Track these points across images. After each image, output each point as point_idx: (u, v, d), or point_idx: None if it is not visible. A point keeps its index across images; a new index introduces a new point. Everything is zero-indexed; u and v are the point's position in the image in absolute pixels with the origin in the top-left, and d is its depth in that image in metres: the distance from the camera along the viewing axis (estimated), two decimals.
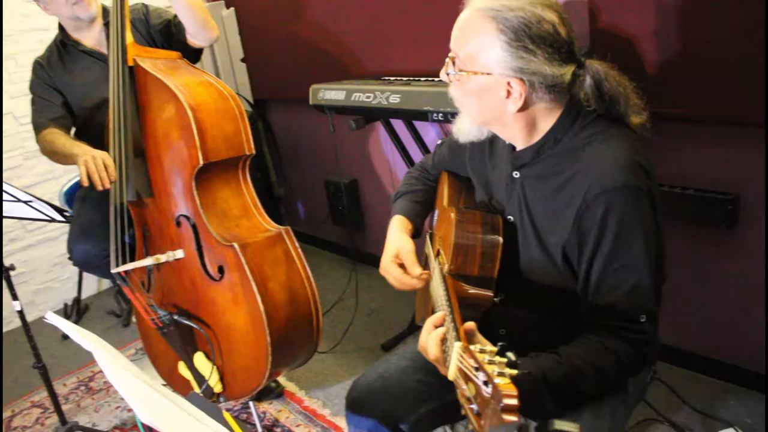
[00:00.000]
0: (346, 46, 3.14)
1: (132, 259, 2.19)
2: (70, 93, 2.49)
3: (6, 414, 2.83)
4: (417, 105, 2.29)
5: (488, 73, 1.23)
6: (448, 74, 1.31)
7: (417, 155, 2.79)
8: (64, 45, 2.50)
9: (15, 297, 2.17)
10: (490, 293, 1.32)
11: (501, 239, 1.34)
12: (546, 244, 1.31)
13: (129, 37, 2.16)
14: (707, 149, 2.08)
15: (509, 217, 1.39)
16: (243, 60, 3.93)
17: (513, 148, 1.38)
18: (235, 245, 1.98)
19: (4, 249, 3.51)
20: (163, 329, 2.15)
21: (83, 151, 2.15)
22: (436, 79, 2.44)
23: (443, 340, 1.12)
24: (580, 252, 1.25)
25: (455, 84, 1.32)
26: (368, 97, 2.49)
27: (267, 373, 2.02)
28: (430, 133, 2.93)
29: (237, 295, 2.02)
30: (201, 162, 2.01)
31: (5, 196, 1.95)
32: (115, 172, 2.10)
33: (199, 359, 2.18)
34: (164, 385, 2.41)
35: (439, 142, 1.73)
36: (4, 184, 1.90)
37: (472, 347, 0.92)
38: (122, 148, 2.10)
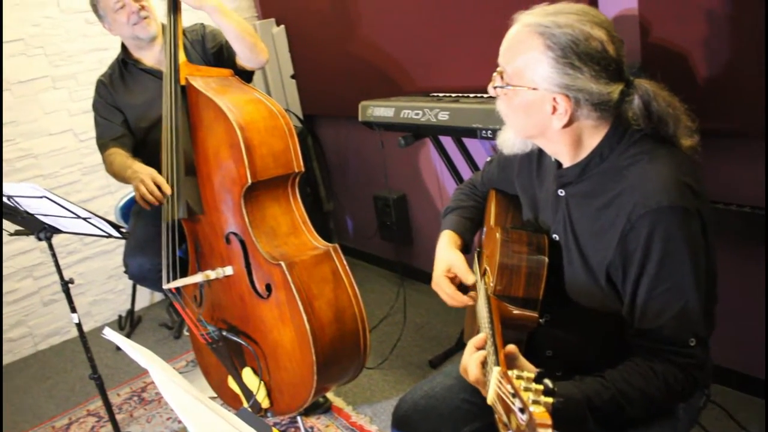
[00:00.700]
0: (395, 63, 3.16)
1: (184, 274, 2.23)
2: (130, 111, 2.56)
3: (63, 422, 2.92)
4: (466, 122, 2.28)
5: (534, 88, 1.24)
6: (495, 88, 1.32)
7: (466, 172, 2.78)
8: (125, 64, 2.58)
9: (73, 309, 2.23)
10: (535, 314, 1.30)
11: (546, 259, 1.33)
12: (590, 264, 1.29)
13: (182, 57, 2.21)
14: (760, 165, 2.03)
15: (554, 235, 1.38)
16: (293, 76, 3.99)
17: (559, 165, 1.37)
18: (283, 264, 1.99)
19: (63, 261, 3.62)
20: (212, 344, 2.19)
21: (134, 172, 2.23)
22: (485, 95, 2.43)
23: (483, 363, 1.12)
24: (624, 274, 1.23)
25: (502, 98, 1.32)
26: (417, 114, 2.50)
27: (313, 390, 2.03)
28: (479, 150, 2.92)
29: (284, 313, 2.04)
30: (249, 181, 2.03)
31: (66, 213, 2.02)
32: (167, 187, 2.16)
33: (247, 374, 2.21)
34: (213, 398, 2.45)
35: (488, 159, 1.73)
36: (64, 201, 1.97)
37: (510, 373, 0.92)
38: (174, 166, 2.15)
